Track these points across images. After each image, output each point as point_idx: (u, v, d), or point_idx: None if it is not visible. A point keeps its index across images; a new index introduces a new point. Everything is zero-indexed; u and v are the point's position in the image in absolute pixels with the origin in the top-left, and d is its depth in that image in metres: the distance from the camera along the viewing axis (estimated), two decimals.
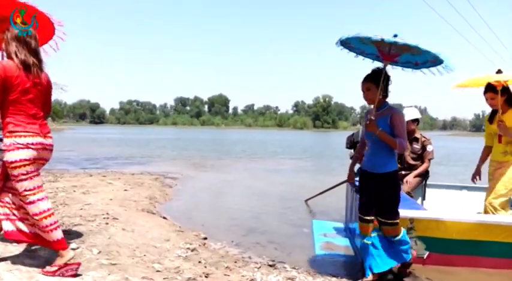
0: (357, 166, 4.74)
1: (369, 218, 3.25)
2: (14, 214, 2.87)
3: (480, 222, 3.62)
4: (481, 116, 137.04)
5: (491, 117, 4.12)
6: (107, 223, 4.50)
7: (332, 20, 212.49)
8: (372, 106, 3.25)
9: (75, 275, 2.79)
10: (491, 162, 4.07)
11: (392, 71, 3.30)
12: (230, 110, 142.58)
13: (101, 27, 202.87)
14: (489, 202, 3.92)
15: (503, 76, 3.80)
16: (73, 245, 3.54)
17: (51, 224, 2.78)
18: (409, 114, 4.83)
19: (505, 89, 3.87)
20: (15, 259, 3.09)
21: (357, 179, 4.69)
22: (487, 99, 4.01)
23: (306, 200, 7.01)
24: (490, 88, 3.90)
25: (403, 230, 3.32)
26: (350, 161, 4.86)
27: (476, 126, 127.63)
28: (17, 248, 3.36)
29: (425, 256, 3.66)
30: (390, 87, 3.28)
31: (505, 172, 3.87)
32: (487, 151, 4.27)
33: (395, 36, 2.96)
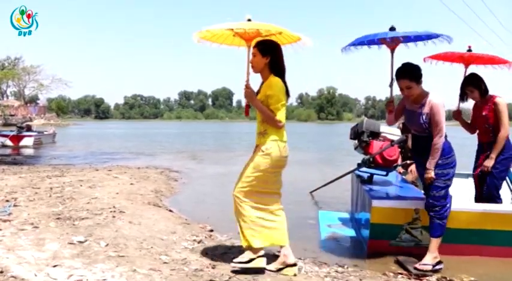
0: (359, 159, 4.74)
1: None
2: None
3: (486, 211, 3.62)
4: None
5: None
6: (114, 216, 4.53)
7: (334, 11, 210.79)
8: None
9: None
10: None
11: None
12: (234, 103, 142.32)
13: (104, 23, 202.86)
14: (236, 192, 3.11)
15: (251, 24, 3.01)
16: (81, 238, 3.58)
17: None
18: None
19: (269, 47, 3.09)
20: (24, 253, 3.13)
21: (363, 169, 4.71)
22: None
23: (311, 192, 7.02)
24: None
25: None
26: (355, 151, 4.88)
27: None
28: (26, 242, 3.41)
29: None
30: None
31: (254, 157, 3.11)
32: None
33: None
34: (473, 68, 4.16)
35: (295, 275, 3.07)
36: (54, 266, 2.90)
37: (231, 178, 10.08)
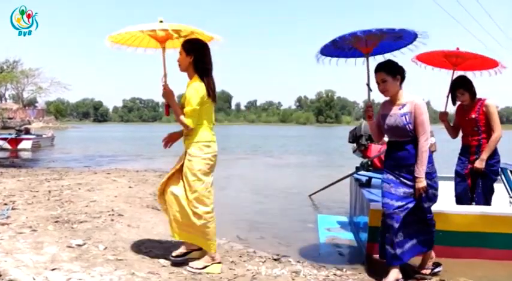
0: (358, 162, 4.76)
1: None
2: None
3: (484, 214, 3.62)
4: None
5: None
6: (113, 220, 4.53)
7: (334, 13, 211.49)
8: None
9: None
10: None
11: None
12: (233, 107, 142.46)
13: (103, 25, 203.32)
14: (190, 201, 3.10)
15: (163, 25, 2.97)
16: (79, 241, 3.58)
17: None
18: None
19: (193, 46, 3.11)
20: (22, 256, 3.12)
21: (361, 173, 4.72)
22: None
23: (310, 195, 7.02)
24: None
25: None
26: (353, 154, 4.89)
27: None
28: (24, 245, 3.40)
29: None
30: None
31: (186, 164, 3.11)
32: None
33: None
34: (461, 72, 4.08)
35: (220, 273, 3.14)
36: (53, 269, 2.89)
37: (230, 181, 10.19)
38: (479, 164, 3.79)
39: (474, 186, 3.91)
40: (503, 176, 4.94)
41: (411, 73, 3.32)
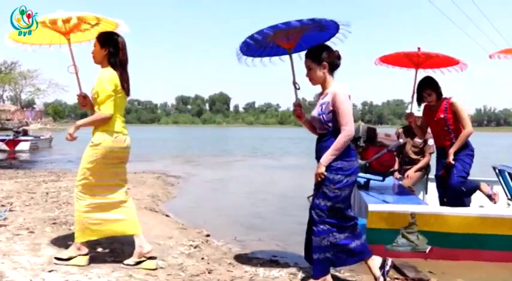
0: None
1: None
2: None
3: (482, 215, 3.63)
4: (482, 111, 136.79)
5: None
6: None
7: (333, 15, 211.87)
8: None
9: None
10: None
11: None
12: (231, 108, 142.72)
13: None
14: (75, 186, 3.10)
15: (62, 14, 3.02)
16: None
17: None
18: (414, 109, 4.82)
19: (107, 39, 3.06)
20: (20, 258, 3.11)
21: (359, 174, 4.72)
22: None
23: (309, 197, 7.01)
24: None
25: None
26: None
27: (478, 121, 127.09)
28: (21, 247, 3.39)
29: (427, 251, 3.67)
30: None
31: (88, 150, 3.14)
32: None
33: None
34: (422, 73, 4.07)
35: (155, 269, 3.05)
36: (50, 271, 2.88)
37: (228, 183, 10.19)
38: (449, 159, 3.81)
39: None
40: (501, 178, 4.96)
41: (408, 76, 3.25)
